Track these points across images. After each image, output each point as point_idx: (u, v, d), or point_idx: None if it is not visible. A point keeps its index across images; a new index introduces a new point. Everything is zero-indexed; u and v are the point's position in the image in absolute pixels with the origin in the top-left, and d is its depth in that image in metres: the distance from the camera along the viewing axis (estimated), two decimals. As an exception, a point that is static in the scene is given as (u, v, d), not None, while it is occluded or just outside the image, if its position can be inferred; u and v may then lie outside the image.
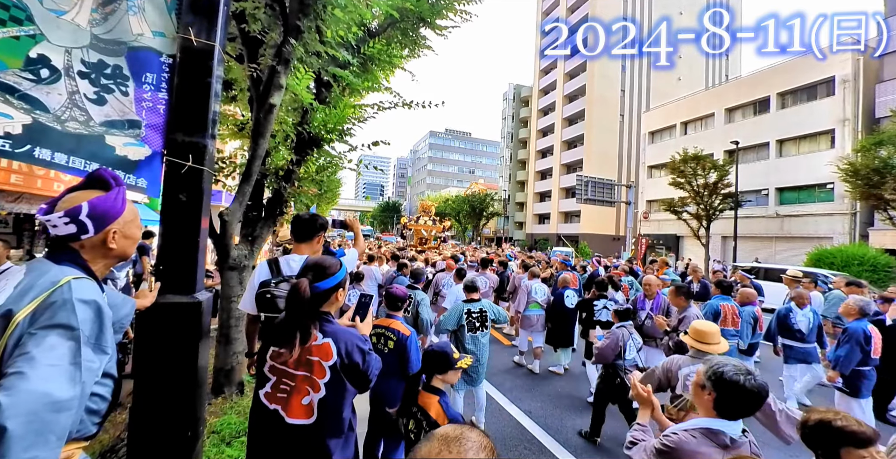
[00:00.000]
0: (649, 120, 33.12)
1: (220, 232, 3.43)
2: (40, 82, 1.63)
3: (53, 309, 1.05)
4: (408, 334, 2.76)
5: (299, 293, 1.59)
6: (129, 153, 1.86)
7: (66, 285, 1.10)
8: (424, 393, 2.01)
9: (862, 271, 13.98)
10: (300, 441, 1.65)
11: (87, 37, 1.75)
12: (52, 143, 1.66)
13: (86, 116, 1.75)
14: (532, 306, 6.04)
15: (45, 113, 1.63)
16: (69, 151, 1.70)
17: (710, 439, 1.53)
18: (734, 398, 1.54)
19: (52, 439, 0.95)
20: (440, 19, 4.65)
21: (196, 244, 2.04)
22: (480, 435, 0.84)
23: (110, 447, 2.58)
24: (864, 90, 20.01)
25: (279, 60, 3.19)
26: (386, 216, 70.16)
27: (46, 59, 1.64)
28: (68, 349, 1.04)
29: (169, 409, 1.93)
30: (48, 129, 1.64)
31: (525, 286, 6.18)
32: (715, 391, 1.57)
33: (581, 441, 3.92)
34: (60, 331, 1.04)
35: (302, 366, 1.64)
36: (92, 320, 1.12)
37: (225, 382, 3.78)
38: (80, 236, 1.21)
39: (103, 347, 1.15)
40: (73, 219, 1.18)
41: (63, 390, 0.99)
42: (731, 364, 1.60)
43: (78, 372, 1.04)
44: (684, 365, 2.65)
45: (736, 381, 1.53)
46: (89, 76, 1.76)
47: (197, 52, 2.02)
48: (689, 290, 4.45)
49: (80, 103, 1.73)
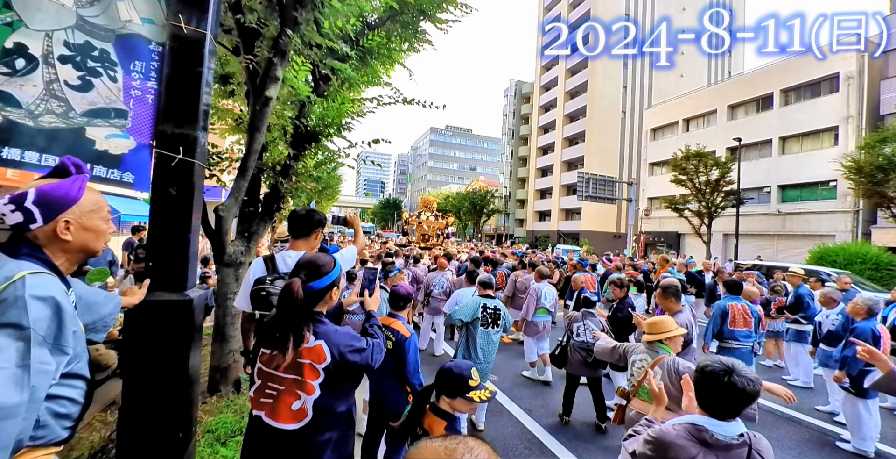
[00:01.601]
0: (651, 117, 32.98)
1: (215, 228, 3.37)
2: (15, 75, 1.54)
3: (3, 307, 0.97)
4: (408, 335, 2.70)
5: (292, 293, 1.52)
6: (110, 147, 1.77)
7: (19, 280, 1.01)
8: (432, 415, 1.77)
9: (864, 269, 13.90)
10: (286, 446, 1.59)
11: (72, 17, 1.67)
12: (22, 141, 1.56)
13: (64, 107, 1.66)
14: (539, 312, 5.54)
15: (17, 109, 1.54)
16: (41, 148, 1.61)
17: (690, 433, 1.54)
18: (715, 395, 1.53)
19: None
20: (441, 12, 4.57)
21: (187, 240, 1.97)
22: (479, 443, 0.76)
23: (101, 448, 2.52)
24: (868, 87, 19.86)
25: (276, 51, 3.11)
26: (386, 213, 70.18)
27: (23, 47, 1.55)
28: (16, 351, 0.95)
29: (159, 409, 1.87)
30: (18, 126, 1.55)
31: (534, 290, 5.61)
32: (700, 389, 1.59)
33: (583, 440, 3.87)
34: (9, 331, 0.96)
35: (290, 369, 1.57)
36: (48, 318, 1.03)
37: (221, 380, 3.72)
38: (29, 226, 1.10)
39: (62, 347, 1.06)
40: (18, 206, 1.08)
41: (7, 395, 0.91)
42: (720, 362, 1.57)
43: (26, 376, 0.95)
44: (636, 353, 2.84)
45: (721, 380, 1.51)
46: (73, 60, 1.67)
47: (187, 40, 1.94)
48: (678, 290, 3.79)
49: (59, 92, 1.64)
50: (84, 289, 1.41)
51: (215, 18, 2.09)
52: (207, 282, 5.57)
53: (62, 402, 1.11)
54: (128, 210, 10.91)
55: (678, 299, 3.74)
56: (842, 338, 4.72)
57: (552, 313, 5.64)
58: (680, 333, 2.77)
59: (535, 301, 5.50)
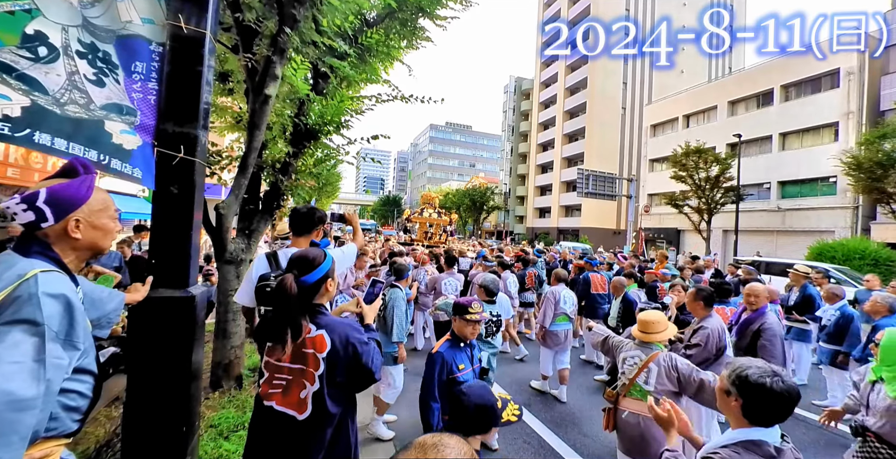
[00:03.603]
0: (651, 113, 32.89)
1: (216, 225, 3.39)
2: (38, 61, 1.55)
3: (18, 304, 1.01)
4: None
5: (285, 288, 1.57)
6: (124, 142, 1.80)
7: (32, 278, 1.05)
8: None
9: (863, 265, 13.92)
10: (294, 435, 1.62)
11: (79, 16, 1.69)
12: (51, 127, 1.58)
13: (86, 99, 1.68)
14: (560, 319, 4.84)
15: (45, 95, 1.56)
16: (68, 136, 1.63)
17: (754, 452, 1.38)
18: (763, 403, 1.39)
19: (15, 439, 0.92)
20: (440, 9, 4.57)
21: (189, 238, 2.00)
22: (460, 442, 0.82)
23: (106, 442, 2.56)
24: (868, 83, 19.80)
25: (274, 49, 3.13)
26: (386, 210, 70.16)
27: (44, 35, 1.56)
28: (32, 346, 0.99)
29: (163, 404, 1.90)
30: (47, 112, 1.57)
31: (552, 295, 4.94)
32: (741, 397, 1.43)
33: (586, 440, 3.86)
34: (25, 327, 1.00)
35: (297, 359, 1.62)
36: (60, 314, 1.07)
37: (223, 376, 3.76)
38: (41, 225, 1.14)
39: (74, 343, 1.11)
40: (30, 205, 1.12)
41: (25, 388, 0.95)
42: (756, 366, 1.44)
43: (42, 369, 0.99)
44: (626, 350, 2.71)
45: (763, 384, 1.38)
46: (87, 57, 1.69)
47: (187, 39, 1.96)
48: (712, 295, 3.43)
49: (80, 85, 1.66)
50: (89, 286, 1.45)
51: (215, 17, 2.11)
52: (210, 280, 5.59)
53: (72, 396, 1.16)
54: (128, 208, 10.90)
55: (708, 304, 3.38)
56: (836, 334, 4.78)
57: (573, 320, 5.05)
58: (671, 334, 2.68)
59: (554, 307, 4.84)
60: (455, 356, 2.43)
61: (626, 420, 2.58)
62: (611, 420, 2.69)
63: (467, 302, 2.50)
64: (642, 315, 2.76)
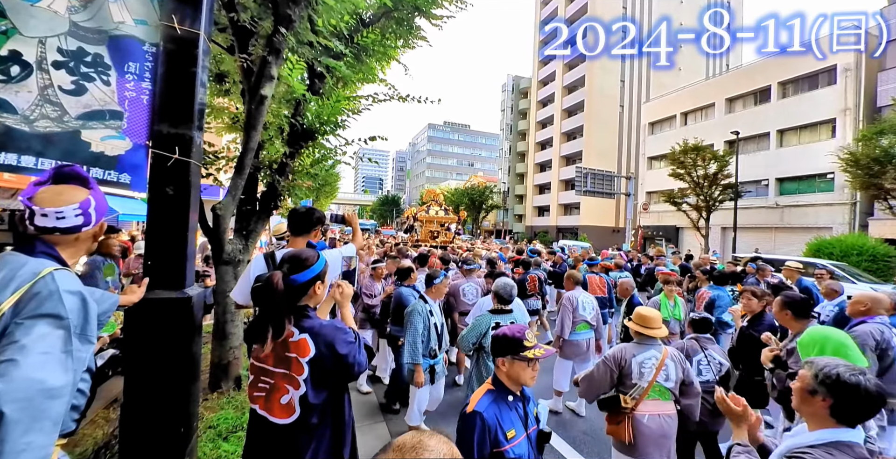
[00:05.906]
0: (649, 111, 32.89)
1: (213, 226, 3.39)
2: (10, 81, 1.58)
3: (39, 299, 1.06)
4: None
5: (272, 285, 1.55)
6: (106, 149, 1.80)
7: (48, 276, 1.11)
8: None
9: (861, 261, 13.95)
10: (279, 440, 1.62)
11: (65, 24, 1.69)
12: (19, 145, 1.61)
13: (59, 111, 1.69)
14: (580, 327, 4.48)
15: (13, 115, 1.59)
16: (38, 153, 1.66)
17: (847, 454, 1.33)
18: (855, 403, 1.34)
19: (48, 424, 0.97)
20: (435, 8, 4.56)
21: (185, 239, 2.00)
22: (441, 442, 0.77)
23: (104, 443, 2.56)
24: (865, 79, 19.82)
25: (270, 50, 3.12)
26: (385, 210, 70.07)
27: (17, 54, 1.59)
28: (59, 338, 1.06)
29: (161, 406, 1.90)
30: (14, 131, 1.60)
31: (568, 300, 4.55)
32: (832, 397, 1.37)
33: (591, 440, 3.82)
34: (50, 320, 1.06)
35: (280, 364, 1.60)
36: (79, 309, 1.14)
37: (222, 377, 3.76)
38: (82, 228, 1.25)
39: (89, 337, 1.17)
40: (83, 211, 1.23)
41: (56, 377, 1.01)
42: (844, 365, 1.39)
43: (69, 360, 1.06)
44: (636, 352, 2.62)
45: (857, 383, 1.33)
46: (66, 65, 1.69)
47: (181, 40, 1.95)
48: (805, 305, 2.81)
49: (53, 98, 1.67)
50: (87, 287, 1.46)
51: (209, 18, 2.10)
52: (205, 281, 5.57)
53: (75, 394, 1.19)
54: (126, 210, 10.88)
55: (800, 315, 2.79)
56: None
57: (595, 327, 4.62)
58: (663, 334, 2.69)
59: (572, 314, 4.48)
60: (501, 417, 1.67)
61: (648, 424, 2.46)
62: (628, 429, 2.47)
63: (518, 334, 1.74)
64: (640, 310, 2.79)
